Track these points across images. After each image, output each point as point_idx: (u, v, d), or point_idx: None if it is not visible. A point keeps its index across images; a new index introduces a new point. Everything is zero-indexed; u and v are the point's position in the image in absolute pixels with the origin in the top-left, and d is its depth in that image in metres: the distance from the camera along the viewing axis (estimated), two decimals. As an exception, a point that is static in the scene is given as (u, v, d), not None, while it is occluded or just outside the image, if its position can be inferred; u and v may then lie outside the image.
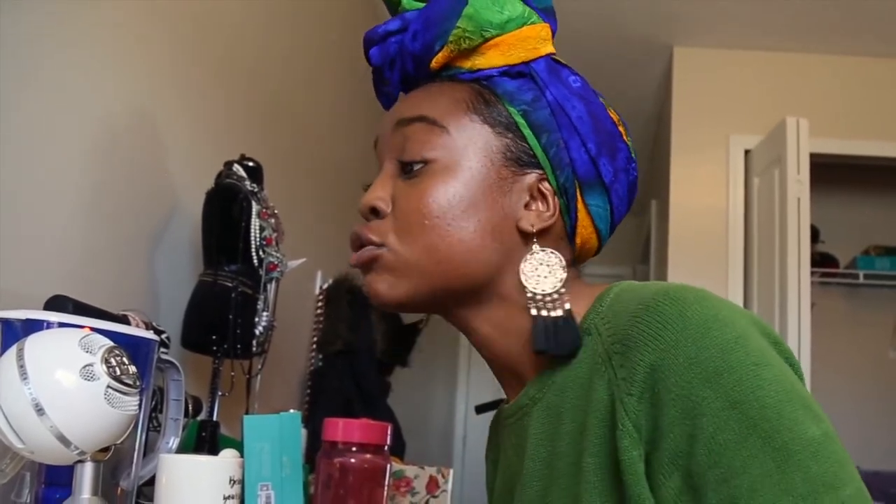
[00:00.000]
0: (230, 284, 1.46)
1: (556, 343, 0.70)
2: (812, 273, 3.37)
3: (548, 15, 0.79)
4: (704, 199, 3.66)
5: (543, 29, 0.76)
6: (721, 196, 3.65)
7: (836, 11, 3.35)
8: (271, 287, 1.53)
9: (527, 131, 0.74)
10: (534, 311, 0.71)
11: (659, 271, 3.97)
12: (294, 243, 1.84)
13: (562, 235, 0.77)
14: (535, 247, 0.73)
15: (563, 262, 0.73)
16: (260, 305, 1.51)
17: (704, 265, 3.55)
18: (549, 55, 0.77)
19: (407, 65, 0.79)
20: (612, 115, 0.78)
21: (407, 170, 0.75)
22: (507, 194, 0.74)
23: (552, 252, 0.73)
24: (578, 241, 0.78)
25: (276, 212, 1.55)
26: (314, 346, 2.54)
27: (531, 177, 0.74)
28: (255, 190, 1.52)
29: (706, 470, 0.58)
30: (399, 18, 0.79)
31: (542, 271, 0.72)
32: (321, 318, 2.56)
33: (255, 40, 2.05)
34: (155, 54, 1.51)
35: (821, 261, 4.12)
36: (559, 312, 0.71)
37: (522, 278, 0.72)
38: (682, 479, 0.59)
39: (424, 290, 0.74)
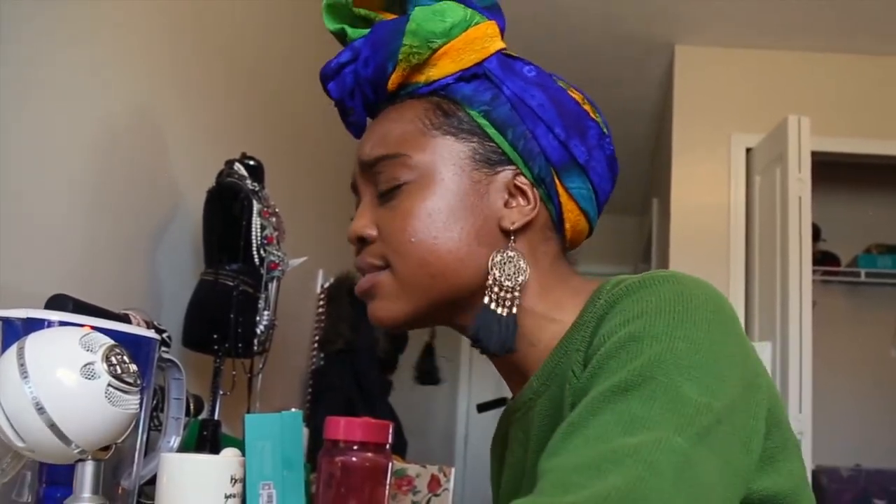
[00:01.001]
0: (231, 283, 1.46)
1: (490, 341, 0.72)
2: (813, 271, 3.36)
3: (492, 12, 0.79)
4: (706, 198, 3.65)
5: (489, 27, 0.77)
6: (722, 194, 3.64)
7: (837, 10, 3.35)
8: (272, 286, 1.53)
9: (491, 130, 0.74)
10: (486, 300, 0.73)
11: (660, 270, 3.96)
12: (295, 242, 1.83)
13: (548, 225, 0.77)
14: (511, 243, 0.74)
15: (528, 271, 0.74)
16: (261, 304, 1.50)
17: (706, 264, 3.55)
18: (500, 51, 0.77)
19: (366, 91, 0.80)
20: (574, 95, 0.78)
21: (384, 196, 0.76)
22: (484, 197, 0.74)
23: (521, 257, 0.74)
24: (567, 226, 0.78)
25: (277, 210, 1.55)
26: (315, 344, 2.54)
27: (505, 174, 0.75)
28: (257, 189, 1.51)
29: (586, 392, 0.60)
30: (349, 49, 0.80)
31: (509, 268, 0.73)
32: (322, 317, 2.56)
33: (256, 39, 2.05)
34: (156, 53, 1.51)
35: (822, 259, 4.12)
36: (506, 311, 0.72)
37: (490, 268, 0.73)
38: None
39: (424, 306, 0.75)
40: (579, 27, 3.57)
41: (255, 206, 1.49)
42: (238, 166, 1.52)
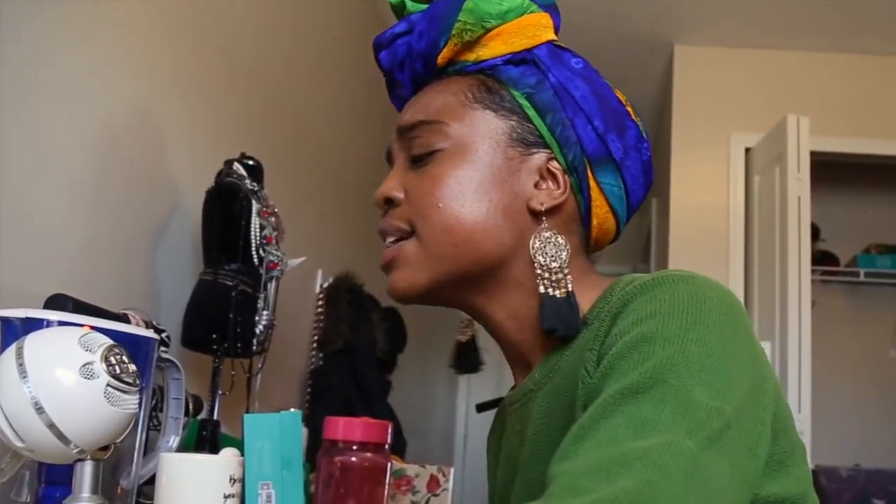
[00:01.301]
0: (230, 283, 1.46)
1: (564, 324, 0.71)
2: (813, 271, 3.36)
3: (550, 9, 0.80)
4: (705, 197, 3.65)
5: (543, 17, 0.78)
6: (722, 194, 3.64)
7: (837, 9, 3.35)
8: (271, 286, 1.53)
9: (531, 112, 0.75)
10: (542, 289, 0.72)
11: (659, 270, 3.96)
12: (294, 242, 1.83)
13: (575, 217, 0.77)
14: (544, 225, 0.74)
15: (568, 246, 0.74)
16: (260, 304, 1.50)
17: (705, 263, 3.55)
18: (550, 41, 0.78)
19: (416, 65, 0.81)
20: (618, 95, 0.79)
21: (416, 161, 0.78)
22: (516, 175, 0.75)
23: (557, 234, 0.74)
24: (594, 221, 0.78)
25: (276, 210, 1.55)
26: (315, 344, 2.54)
27: (539, 157, 0.76)
28: (256, 188, 1.51)
29: (598, 393, 0.59)
30: (405, 21, 0.81)
31: (550, 249, 0.73)
32: (321, 317, 2.56)
33: (256, 39, 2.05)
34: (155, 53, 1.51)
35: (821, 259, 4.12)
36: (563, 292, 0.72)
37: (532, 252, 0.73)
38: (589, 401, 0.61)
39: (443, 276, 0.75)
40: (580, 26, 3.57)
41: (254, 205, 1.49)
42: (237, 166, 1.52)
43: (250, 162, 1.55)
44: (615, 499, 0.48)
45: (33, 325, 0.80)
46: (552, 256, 0.73)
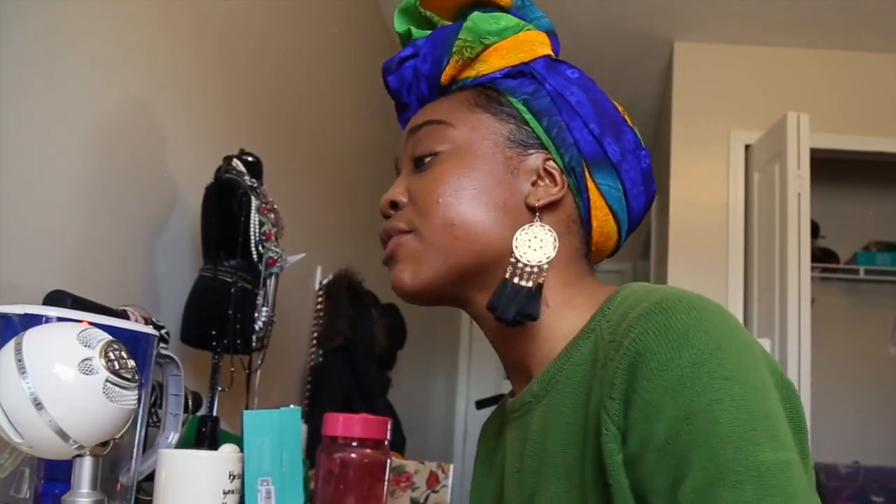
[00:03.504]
0: (230, 279, 1.46)
1: (505, 306, 0.72)
2: (812, 268, 3.37)
3: (548, 32, 0.84)
4: (705, 195, 3.65)
5: (539, 35, 0.82)
6: (721, 191, 3.64)
7: (837, 6, 3.35)
8: (271, 282, 1.53)
9: (528, 116, 0.78)
10: (508, 275, 0.73)
11: (659, 267, 3.97)
12: (294, 238, 1.83)
13: (575, 219, 0.79)
14: (536, 220, 0.75)
15: (556, 244, 0.74)
16: (259, 300, 1.50)
17: (705, 260, 3.55)
18: (547, 56, 0.81)
19: (422, 86, 0.84)
20: (615, 104, 0.81)
21: (419, 164, 0.80)
22: (514, 173, 0.77)
23: (549, 230, 0.75)
24: (595, 223, 0.79)
25: (275, 207, 1.55)
26: (314, 341, 2.54)
27: (537, 157, 0.77)
28: (255, 185, 1.51)
29: (654, 477, 0.59)
30: (411, 46, 0.85)
31: (535, 244, 0.74)
32: (321, 314, 2.56)
33: (255, 35, 2.04)
34: (154, 50, 1.50)
35: (821, 256, 4.12)
36: (529, 284, 0.72)
37: (513, 244, 0.74)
38: (631, 483, 0.60)
39: (444, 272, 0.76)
40: (579, 24, 3.57)
41: (254, 202, 1.48)
42: (236, 162, 1.52)
43: (249, 158, 1.55)
44: None
45: (32, 321, 0.80)
46: (534, 250, 0.74)
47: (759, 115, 3.56)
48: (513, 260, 0.74)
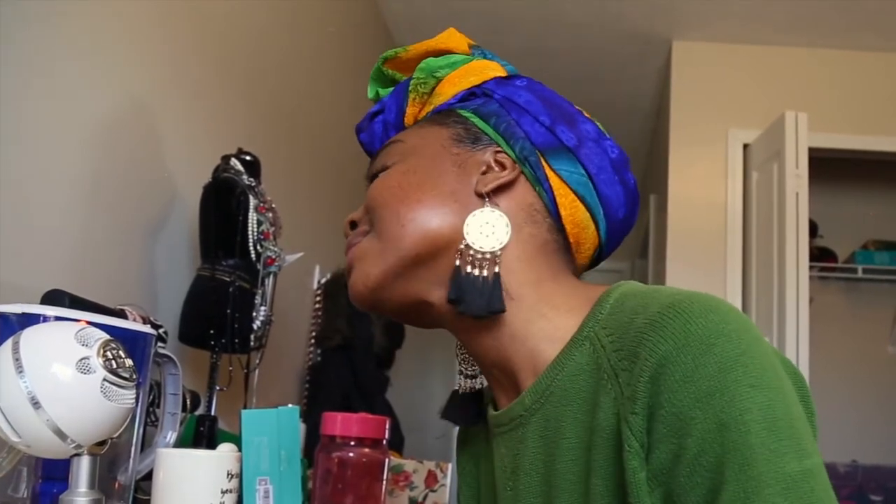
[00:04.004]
0: (228, 279, 1.46)
1: (467, 301, 0.70)
2: (810, 268, 3.37)
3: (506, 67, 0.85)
4: (703, 194, 3.65)
5: (492, 63, 0.83)
6: (720, 190, 3.64)
7: (835, 6, 3.35)
8: (269, 281, 1.53)
9: (476, 119, 0.78)
10: (457, 263, 0.72)
11: (657, 266, 3.97)
12: (292, 237, 1.83)
13: (537, 207, 0.76)
14: (487, 205, 0.74)
15: (509, 228, 0.73)
16: (258, 300, 1.50)
17: (703, 259, 3.55)
18: (498, 77, 0.82)
19: (391, 136, 0.86)
20: (569, 102, 0.81)
21: (373, 180, 0.82)
22: (463, 167, 0.76)
23: (501, 214, 0.73)
24: (563, 212, 0.76)
25: (273, 206, 1.55)
26: (312, 340, 2.54)
27: (486, 151, 0.77)
28: (253, 184, 1.51)
29: (687, 491, 0.57)
30: (379, 103, 0.87)
31: (486, 230, 0.73)
32: (319, 313, 2.56)
33: (254, 33, 2.04)
34: (153, 47, 1.50)
35: (819, 255, 4.12)
36: (485, 273, 0.71)
37: (464, 230, 0.73)
38: (662, 497, 0.59)
39: (395, 263, 0.74)
40: (576, 23, 3.56)
41: (252, 201, 1.48)
42: (234, 161, 1.52)
43: (247, 157, 1.55)
44: None
45: (30, 320, 0.79)
46: (486, 237, 0.72)
47: (758, 114, 3.56)
48: (462, 247, 0.72)
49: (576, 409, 0.67)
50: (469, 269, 0.71)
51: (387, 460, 0.95)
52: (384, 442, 0.94)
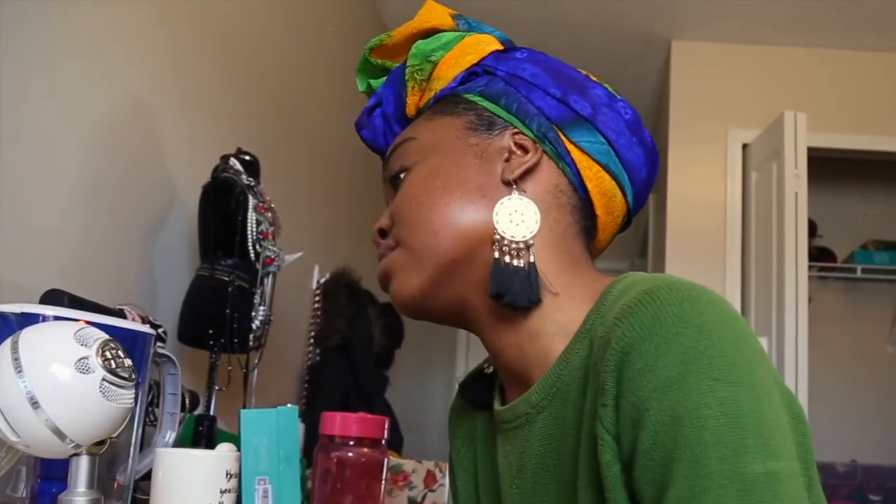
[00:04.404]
0: (227, 278, 1.46)
1: (512, 291, 0.69)
2: (810, 267, 3.37)
3: (504, 43, 0.83)
4: (702, 193, 3.65)
5: (485, 37, 0.80)
6: (719, 190, 3.64)
7: (835, 6, 3.35)
8: (268, 281, 1.53)
9: (485, 103, 0.76)
10: (496, 255, 0.70)
11: (657, 266, 3.97)
12: (291, 237, 1.83)
13: (562, 187, 0.75)
14: (514, 193, 0.72)
15: (538, 215, 0.71)
16: (257, 299, 1.50)
17: (702, 259, 3.55)
18: (496, 50, 0.80)
19: (395, 128, 0.84)
20: (576, 68, 0.79)
21: (395, 184, 0.79)
22: (484, 157, 0.75)
23: (528, 201, 0.72)
24: (589, 185, 0.75)
25: (272, 206, 1.55)
26: (311, 340, 2.54)
27: (503, 135, 0.75)
28: (252, 184, 1.51)
29: (641, 486, 0.56)
30: (374, 96, 0.86)
31: (516, 218, 0.71)
32: (318, 313, 2.56)
33: (253, 33, 2.04)
34: (152, 47, 1.50)
35: (818, 255, 4.12)
36: (521, 263, 0.70)
37: (494, 219, 0.71)
38: (625, 489, 0.58)
39: (434, 271, 0.73)
40: (576, 23, 3.56)
41: (251, 201, 1.48)
42: (233, 161, 1.52)
43: (247, 157, 1.55)
44: None
45: (29, 320, 0.79)
46: (516, 225, 0.71)
47: (757, 114, 3.56)
48: (497, 237, 0.71)
49: (576, 407, 0.66)
50: (507, 259, 0.70)
51: (386, 460, 0.95)
52: (383, 442, 0.94)
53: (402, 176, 0.78)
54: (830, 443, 3.79)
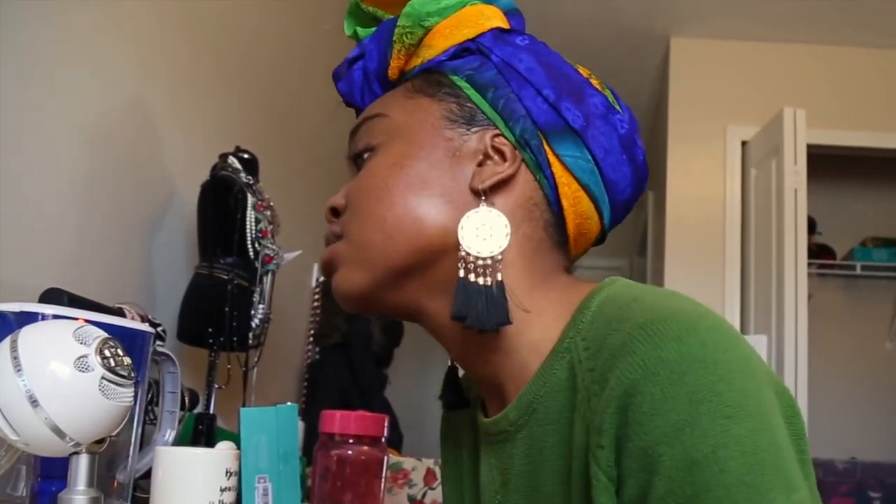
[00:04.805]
0: (226, 277, 1.46)
1: (476, 312, 0.63)
2: (809, 264, 3.37)
3: (511, 14, 0.77)
4: (701, 190, 3.66)
5: (488, 8, 0.74)
6: (718, 187, 3.65)
7: (833, 3, 3.35)
8: (267, 279, 1.53)
9: (471, 92, 0.70)
10: (461, 273, 0.64)
11: (656, 263, 3.97)
12: (290, 235, 1.83)
13: (538, 201, 0.69)
14: (482, 205, 0.66)
15: (509, 229, 0.65)
16: (256, 298, 1.50)
17: (701, 257, 3.56)
18: (497, 28, 0.73)
19: (374, 87, 0.78)
20: (579, 69, 0.73)
21: (358, 162, 0.74)
22: (456, 157, 0.69)
23: (499, 214, 0.66)
24: (564, 203, 0.69)
25: (271, 204, 1.55)
26: (311, 338, 2.54)
27: (483, 135, 0.69)
28: (251, 182, 1.51)
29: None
30: (358, 46, 0.78)
31: (483, 232, 0.65)
32: (318, 311, 2.56)
33: (250, 31, 2.04)
34: (150, 46, 1.50)
35: (818, 252, 4.13)
36: (488, 281, 0.64)
37: (459, 234, 0.65)
38: None
39: (381, 274, 0.68)
40: (575, 19, 3.56)
41: (250, 199, 1.48)
42: (232, 159, 1.52)
43: (245, 155, 1.55)
44: None
45: (28, 318, 0.79)
46: (483, 240, 0.64)
47: (756, 111, 3.57)
48: (462, 253, 0.64)
49: (557, 430, 0.63)
50: (472, 276, 0.64)
51: (385, 458, 0.95)
52: (383, 440, 0.94)
53: (365, 156, 0.72)
54: (830, 440, 3.80)
